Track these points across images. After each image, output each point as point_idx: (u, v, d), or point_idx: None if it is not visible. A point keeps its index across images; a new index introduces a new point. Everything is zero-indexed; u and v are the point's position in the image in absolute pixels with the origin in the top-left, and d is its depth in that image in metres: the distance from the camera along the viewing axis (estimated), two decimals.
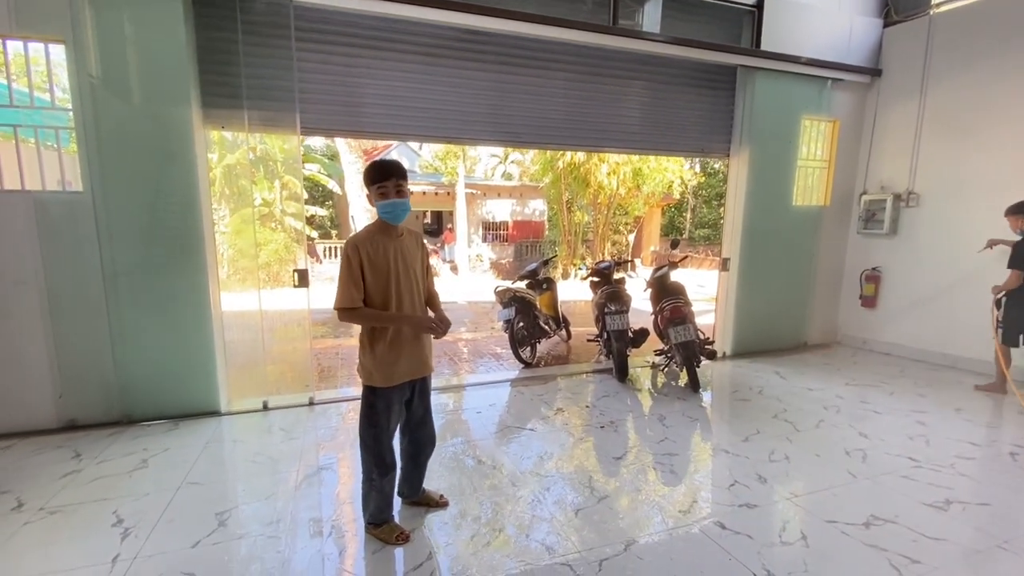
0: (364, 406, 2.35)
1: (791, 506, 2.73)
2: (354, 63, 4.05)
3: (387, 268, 2.24)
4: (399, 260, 2.28)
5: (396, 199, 2.22)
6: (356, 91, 4.10)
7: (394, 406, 2.36)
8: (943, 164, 5.38)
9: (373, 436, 2.33)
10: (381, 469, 2.36)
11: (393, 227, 2.29)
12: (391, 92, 4.19)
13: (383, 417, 2.33)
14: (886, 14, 5.81)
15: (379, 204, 2.23)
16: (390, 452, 2.38)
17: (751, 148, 5.39)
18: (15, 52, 3.50)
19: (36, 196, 3.43)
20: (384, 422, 2.34)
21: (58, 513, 2.62)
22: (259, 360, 4.18)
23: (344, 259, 2.20)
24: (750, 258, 5.63)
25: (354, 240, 2.22)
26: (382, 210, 2.24)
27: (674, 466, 3.19)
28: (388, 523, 2.45)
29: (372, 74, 4.11)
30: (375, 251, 2.22)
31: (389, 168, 2.22)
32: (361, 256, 2.19)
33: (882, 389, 4.66)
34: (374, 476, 2.36)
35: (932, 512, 2.66)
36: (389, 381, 2.31)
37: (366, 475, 2.39)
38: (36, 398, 3.57)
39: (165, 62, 3.51)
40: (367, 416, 2.34)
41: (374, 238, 2.24)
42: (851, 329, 6.30)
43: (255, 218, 6.35)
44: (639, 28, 4.88)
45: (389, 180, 2.20)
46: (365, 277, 2.20)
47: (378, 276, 2.22)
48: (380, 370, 2.29)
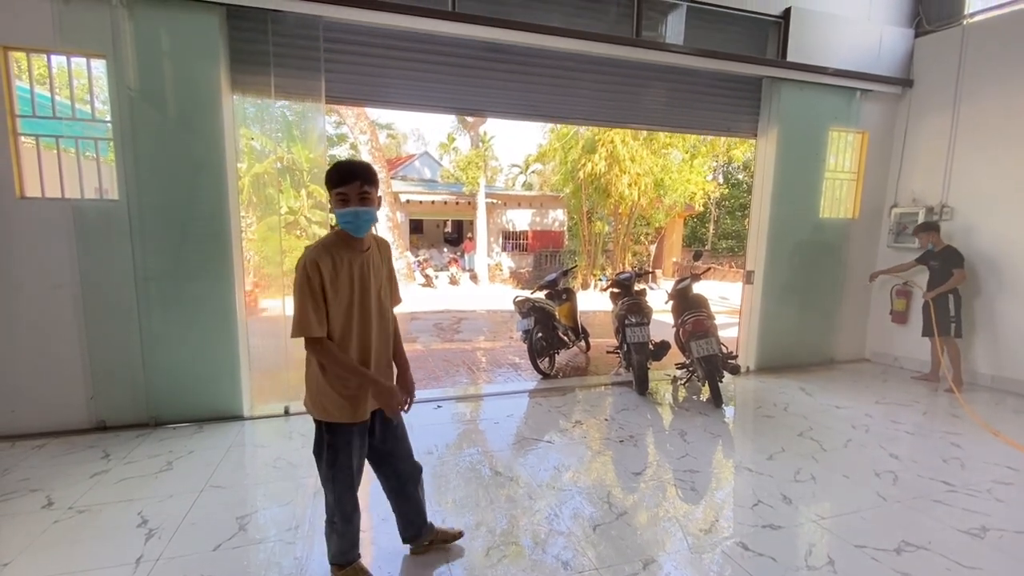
0: (319, 444, 2.01)
1: (817, 529, 2.64)
2: (382, 73, 4.17)
3: (350, 289, 1.89)
4: (365, 278, 1.94)
5: (359, 207, 1.84)
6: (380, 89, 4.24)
7: (355, 442, 2.01)
8: (978, 177, 5.21)
9: (333, 477, 2.01)
10: (343, 514, 2.06)
11: (357, 239, 1.92)
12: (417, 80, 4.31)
13: (343, 455, 1.99)
14: (917, 24, 5.69)
15: (338, 213, 1.85)
16: (351, 495, 2.06)
17: (777, 160, 5.31)
18: (58, 66, 3.67)
19: (75, 204, 3.57)
20: (345, 460, 2.00)
21: (86, 512, 2.69)
22: (281, 366, 4.25)
23: (302, 277, 1.81)
24: (775, 271, 5.52)
25: (312, 255, 1.83)
26: (341, 220, 1.87)
27: (695, 483, 3.12)
28: (353, 564, 2.16)
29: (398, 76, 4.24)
30: (337, 268, 1.86)
31: (351, 170, 1.85)
32: (322, 275, 1.82)
33: (914, 409, 4.50)
34: (335, 519, 2.08)
35: (967, 539, 2.54)
36: (351, 417, 1.96)
37: (328, 515, 2.10)
38: (69, 399, 3.69)
39: (200, 75, 3.64)
40: (325, 456, 2.00)
41: (335, 252, 1.87)
42: (880, 346, 6.11)
43: (281, 226, 6.51)
44: (662, 39, 4.87)
45: (349, 184, 1.82)
46: (326, 300, 1.84)
47: (339, 298, 1.87)
48: (338, 404, 1.94)
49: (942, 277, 5.03)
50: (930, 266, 5.17)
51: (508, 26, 4.17)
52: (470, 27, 4.10)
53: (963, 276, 4.94)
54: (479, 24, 4.10)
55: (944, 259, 5.04)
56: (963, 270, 4.95)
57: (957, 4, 5.43)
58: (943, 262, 5.04)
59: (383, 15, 3.88)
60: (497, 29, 4.16)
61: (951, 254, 5.02)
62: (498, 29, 4.16)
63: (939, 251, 5.11)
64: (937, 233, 5.16)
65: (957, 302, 5.00)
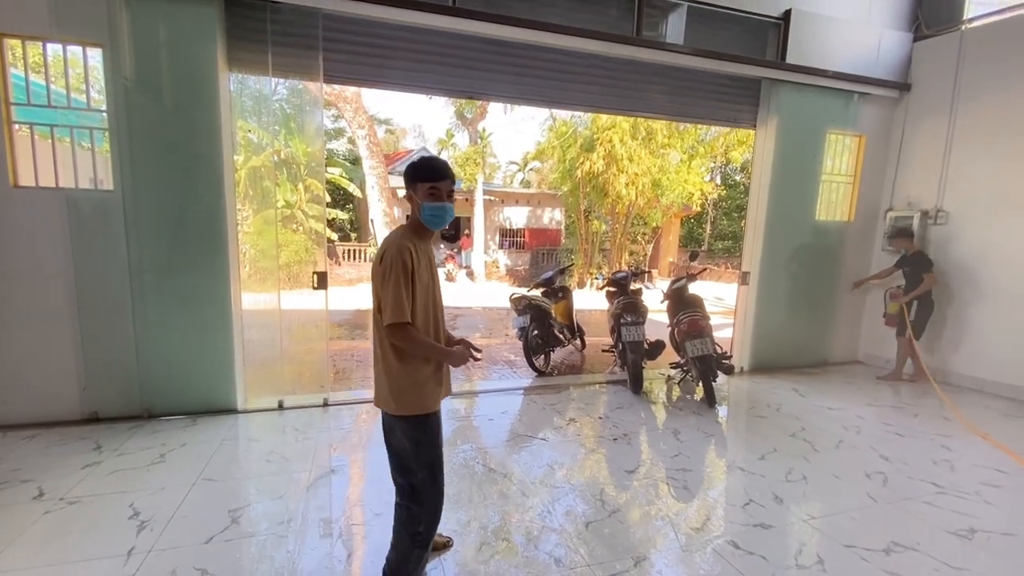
0: (410, 444, 1.94)
1: (808, 528, 2.66)
2: (382, 55, 4.13)
3: (428, 279, 1.96)
4: (434, 267, 2.04)
5: (448, 203, 1.94)
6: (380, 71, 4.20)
7: (439, 435, 2.05)
8: (974, 182, 5.25)
9: (431, 474, 1.96)
10: (434, 517, 2.00)
11: (429, 232, 2.00)
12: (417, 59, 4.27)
13: (437, 447, 2.01)
14: (916, 28, 5.71)
15: (427, 205, 1.91)
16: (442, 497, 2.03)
17: (774, 160, 5.32)
18: (54, 54, 3.64)
19: (69, 193, 3.55)
20: (439, 452, 2.02)
21: (77, 504, 2.68)
22: (276, 360, 4.24)
23: (399, 264, 1.83)
24: (771, 273, 5.54)
25: (403, 242, 1.88)
26: (430, 212, 1.91)
27: (687, 482, 3.14)
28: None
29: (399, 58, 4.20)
30: (419, 259, 1.91)
31: (445, 168, 1.94)
32: (414, 261, 1.87)
33: (906, 411, 4.53)
34: (420, 530, 1.96)
35: (955, 541, 2.57)
36: (436, 403, 2.01)
37: (409, 532, 1.97)
38: (62, 390, 3.67)
39: (197, 65, 3.61)
40: (417, 453, 1.94)
41: (414, 242, 1.93)
42: (874, 348, 6.14)
43: (277, 219, 6.48)
44: (663, 39, 4.87)
45: (444, 180, 1.92)
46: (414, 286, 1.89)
47: (421, 288, 1.92)
48: (424, 392, 1.96)
49: (913, 281, 5.23)
50: (903, 271, 5.38)
51: (508, 22, 4.16)
52: (470, 23, 4.08)
53: (933, 280, 5.12)
54: (479, 20, 4.09)
55: (914, 264, 5.24)
56: (932, 274, 5.12)
57: (956, 9, 5.45)
58: (913, 267, 5.25)
59: (383, 8, 3.85)
60: (496, 25, 4.15)
61: (921, 259, 5.22)
62: (497, 25, 4.15)
63: (911, 256, 5.30)
64: (910, 239, 5.35)
65: (928, 306, 5.22)
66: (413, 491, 1.96)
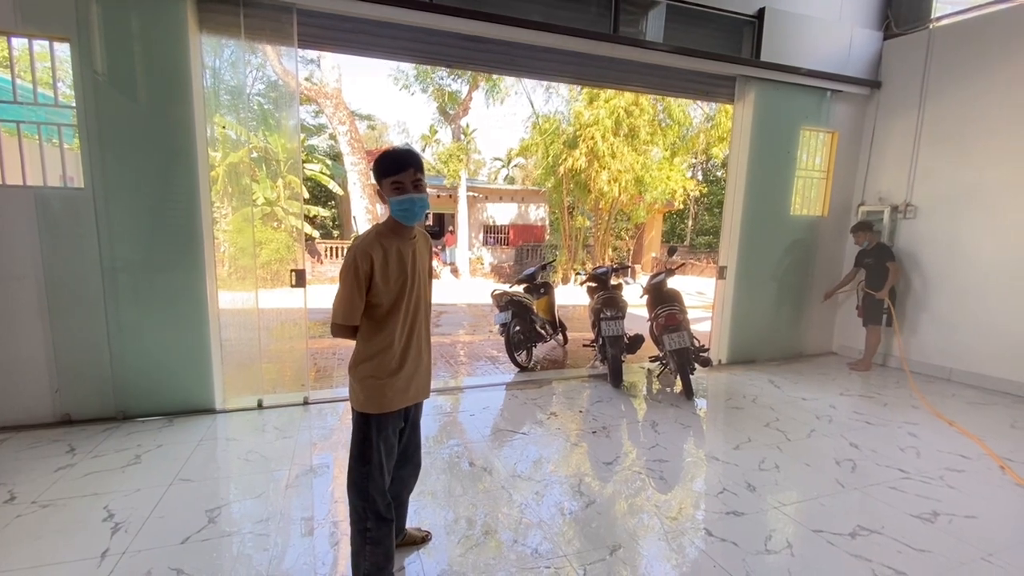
0: (356, 439, 1.98)
1: (779, 515, 2.74)
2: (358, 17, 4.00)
3: (401, 276, 1.91)
4: (412, 266, 1.96)
5: (414, 194, 1.85)
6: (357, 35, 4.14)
7: (391, 438, 2.02)
8: (940, 177, 5.41)
9: (366, 475, 1.96)
10: (377, 518, 1.97)
11: (407, 227, 1.94)
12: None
13: (377, 452, 1.96)
14: (886, 27, 5.85)
15: (393, 201, 1.85)
16: (385, 496, 2.00)
17: (750, 156, 5.42)
18: (21, 47, 3.54)
19: (37, 191, 3.47)
20: (379, 457, 1.97)
21: (50, 507, 2.64)
22: (255, 358, 4.20)
23: (350, 266, 1.82)
24: (747, 267, 5.65)
25: (363, 245, 1.84)
26: (397, 207, 1.86)
27: (664, 473, 3.20)
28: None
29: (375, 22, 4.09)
30: (387, 256, 1.87)
31: (405, 158, 1.85)
32: (373, 264, 1.83)
33: (876, 400, 4.67)
34: (369, 526, 1.97)
35: (918, 523, 2.67)
36: (388, 406, 1.97)
37: (358, 526, 1.99)
38: (33, 392, 3.59)
39: (170, 60, 3.55)
40: (360, 452, 1.97)
41: (385, 241, 1.89)
42: (847, 340, 6.30)
43: (256, 217, 6.39)
44: (641, 37, 4.91)
45: (405, 172, 1.83)
46: (372, 287, 1.86)
47: (388, 285, 1.88)
48: (378, 392, 1.95)
49: (878, 272, 5.42)
50: (865, 264, 5.57)
51: (485, 19, 4.16)
52: (448, 19, 4.07)
53: (897, 268, 5.37)
54: (458, 16, 4.08)
55: (877, 255, 5.44)
56: (895, 262, 5.36)
57: (924, 8, 5.60)
58: (876, 258, 5.44)
59: (357, 4, 3.81)
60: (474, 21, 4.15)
61: (882, 250, 5.43)
62: (475, 22, 4.15)
63: (872, 248, 5.50)
64: (870, 231, 5.54)
65: (891, 296, 5.46)
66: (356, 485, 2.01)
